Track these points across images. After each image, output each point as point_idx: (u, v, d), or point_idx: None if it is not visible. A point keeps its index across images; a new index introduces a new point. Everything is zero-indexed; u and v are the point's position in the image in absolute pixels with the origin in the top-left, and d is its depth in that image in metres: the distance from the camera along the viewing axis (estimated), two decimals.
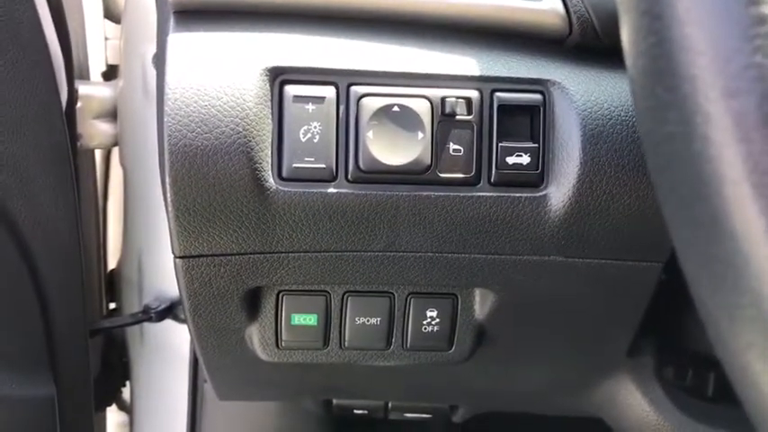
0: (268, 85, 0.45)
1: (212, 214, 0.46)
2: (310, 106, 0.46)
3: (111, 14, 0.91)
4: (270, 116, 0.45)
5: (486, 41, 0.48)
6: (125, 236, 0.91)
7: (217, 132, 0.45)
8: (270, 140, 0.46)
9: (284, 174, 0.46)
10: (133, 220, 0.87)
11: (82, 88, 0.77)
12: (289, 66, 0.46)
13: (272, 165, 0.46)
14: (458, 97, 0.46)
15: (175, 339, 0.83)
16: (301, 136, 0.46)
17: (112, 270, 0.97)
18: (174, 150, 0.45)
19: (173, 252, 0.49)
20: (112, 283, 0.96)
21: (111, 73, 0.92)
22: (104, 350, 0.94)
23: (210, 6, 0.46)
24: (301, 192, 0.46)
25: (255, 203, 0.46)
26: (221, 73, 0.45)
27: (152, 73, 0.74)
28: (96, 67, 0.91)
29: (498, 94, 0.47)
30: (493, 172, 0.47)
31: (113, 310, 0.96)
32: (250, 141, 0.45)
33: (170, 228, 0.47)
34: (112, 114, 0.80)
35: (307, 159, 0.46)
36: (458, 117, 0.46)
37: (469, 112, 0.46)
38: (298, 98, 0.46)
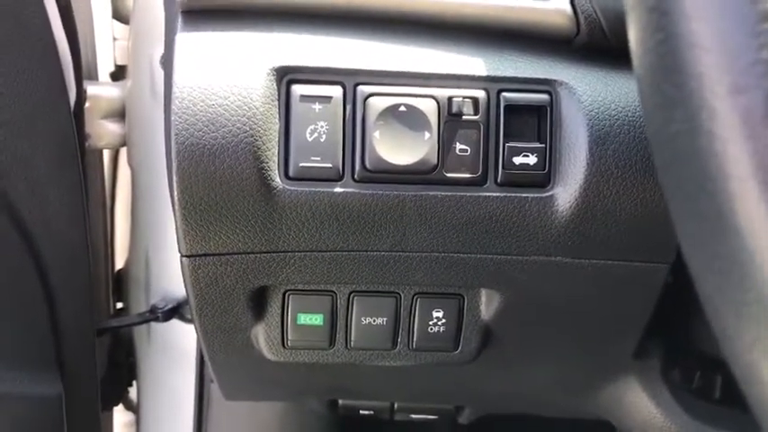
0: (275, 84, 0.45)
1: (219, 213, 0.46)
2: (317, 106, 0.46)
3: (120, 15, 0.92)
4: (277, 116, 0.46)
5: (493, 41, 0.48)
6: (132, 235, 0.91)
7: (224, 132, 0.45)
8: (276, 140, 0.46)
9: (291, 173, 0.46)
10: (140, 220, 0.88)
11: (90, 88, 0.77)
12: (296, 65, 0.46)
13: (278, 164, 0.46)
14: (465, 97, 0.46)
15: (182, 339, 0.83)
16: (308, 135, 0.46)
17: (120, 270, 0.98)
18: (181, 149, 0.45)
19: (179, 251, 0.49)
20: (120, 283, 0.96)
21: (119, 73, 0.92)
22: (111, 349, 0.94)
23: (218, 6, 0.46)
24: (308, 191, 0.46)
25: (262, 203, 0.46)
26: (228, 72, 0.45)
27: (160, 74, 0.74)
28: (105, 68, 0.92)
29: (505, 94, 0.47)
30: (499, 172, 0.47)
31: (120, 309, 0.96)
32: (257, 141, 0.45)
33: (177, 227, 0.47)
34: (121, 115, 0.80)
35: (313, 159, 0.46)
36: (464, 117, 0.46)
37: (476, 112, 0.46)
38: (305, 98, 0.46)
